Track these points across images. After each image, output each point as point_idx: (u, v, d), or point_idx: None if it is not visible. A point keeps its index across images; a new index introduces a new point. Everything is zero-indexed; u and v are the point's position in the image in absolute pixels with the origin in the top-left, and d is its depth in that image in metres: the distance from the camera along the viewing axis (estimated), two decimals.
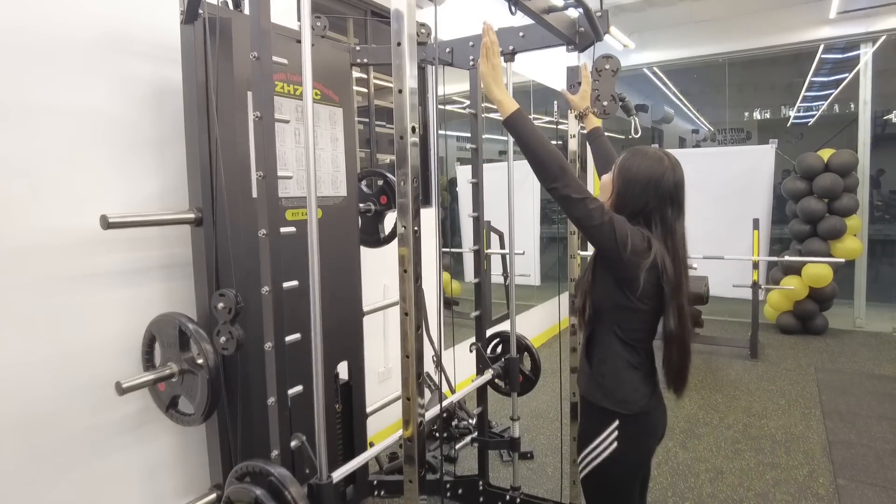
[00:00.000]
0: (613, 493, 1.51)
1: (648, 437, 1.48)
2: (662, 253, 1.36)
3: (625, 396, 1.43)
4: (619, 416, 1.43)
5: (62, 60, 1.72)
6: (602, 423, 1.45)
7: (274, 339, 1.52)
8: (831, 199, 5.04)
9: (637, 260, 1.34)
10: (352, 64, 2.35)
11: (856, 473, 2.73)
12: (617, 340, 1.44)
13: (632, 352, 1.44)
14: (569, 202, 1.33)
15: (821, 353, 4.68)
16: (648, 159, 1.41)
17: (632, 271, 1.35)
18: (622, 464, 1.45)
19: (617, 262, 1.36)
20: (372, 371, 2.89)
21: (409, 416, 1.24)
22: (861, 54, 5.30)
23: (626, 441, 1.43)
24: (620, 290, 1.40)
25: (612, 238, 1.32)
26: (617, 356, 1.44)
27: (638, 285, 1.35)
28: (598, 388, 1.46)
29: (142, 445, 1.96)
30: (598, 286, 1.46)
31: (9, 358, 1.62)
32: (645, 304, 1.39)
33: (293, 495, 1.34)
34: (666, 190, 1.38)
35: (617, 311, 1.42)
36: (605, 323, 1.46)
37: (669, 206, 1.39)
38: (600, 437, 1.45)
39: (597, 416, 1.47)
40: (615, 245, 1.32)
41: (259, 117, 1.45)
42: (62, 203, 1.73)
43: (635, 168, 1.41)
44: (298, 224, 1.77)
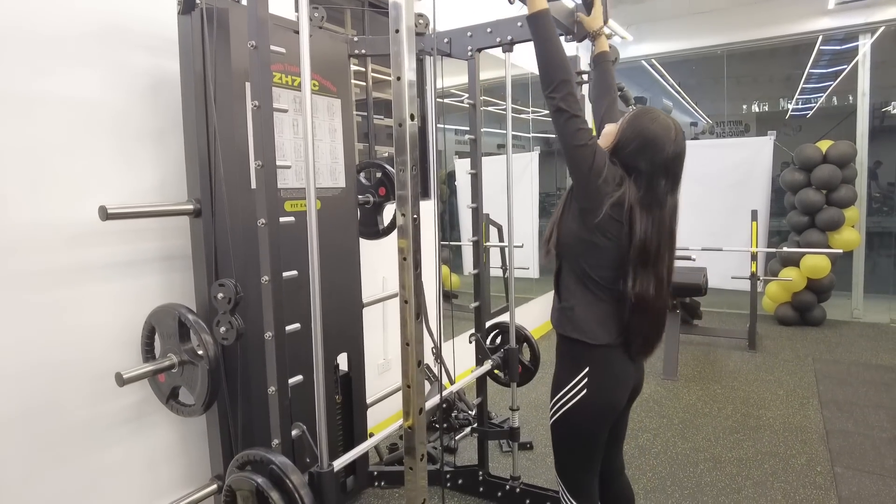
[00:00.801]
0: (580, 440, 1.54)
1: (615, 383, 1.51)
2: (634, 206, 1.38)
3: (592, 328, 1.46)
4: (587, 353, 1.46)
5: (59, 51, 1.71)
6: (573, 368, 1.49)
7: (274, 329, 1.52)
8: (830, 191, 5.04)
9: (604, 189, 1.36)
10: (350, 55, 2.34)
11: (853, 462, 2.74)
12: (583, 275, 1.47)
13: (598, 287, 1.46)
14: (562, 115, 1.36)
15: (819, 343, 4.69)
16: (657, 123, 1.41)
17: (596, 200, 1.37)
18: (589, 410, 1.48)
19: (585, 188, 1.38)
20: (371, 363, 2.89)
21: (410, 404, 1.24)
22: (860, 45, 5.29)
23: (593, 386, 1.46)
24: (583, 221, 1.42)
25: (590, 162, 1.35)
26: (584, 290, 1.47)
27: (597, 216, 1.37)
28: (567, 321, 1.49)
29: (142, 436, 1.97)
30: (566, 219, 1.49)
31: (9, 349, 1.62)
32: (606, 239, 1.40)
33: (294, 483, 1.35)
34: (662, 159, 1.39)
35: (580, 244, 1.45)
36: (570, 257, 1.49)
37: (662, 177, 1.40)
38: (570, 383, 1.49)
39: (567, 358, 1.51)
40: (589, 169, 1.35)
41: (257, 106, 1.44)
42: (60, 194, 1.72)
43: (641, 127, 1.41)
44: (297, 215, 1.77)
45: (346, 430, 2.43)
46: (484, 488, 2.50)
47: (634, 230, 1.38)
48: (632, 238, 1.38)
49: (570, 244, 1.47)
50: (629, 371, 1.53)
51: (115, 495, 1.90)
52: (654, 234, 1.39)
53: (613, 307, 1.47)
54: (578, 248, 1.46)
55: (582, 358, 1.48)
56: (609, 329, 1.46)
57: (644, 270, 1.41)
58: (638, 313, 1.44)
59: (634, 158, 1.41)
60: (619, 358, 1.49)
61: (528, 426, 3.21)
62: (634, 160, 1.41)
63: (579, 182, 1.39)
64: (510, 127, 2.37)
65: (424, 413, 1.27)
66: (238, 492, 1.42)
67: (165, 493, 2.01)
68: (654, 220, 1.40)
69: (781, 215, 5.60)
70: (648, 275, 1.42)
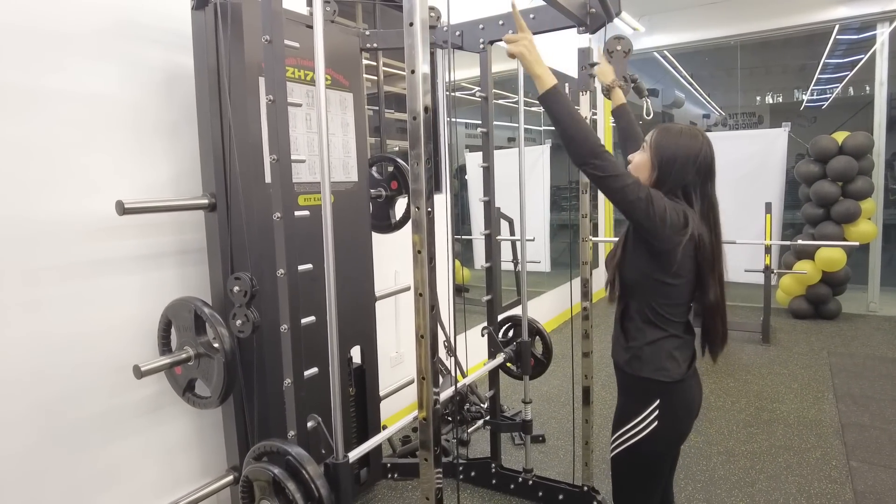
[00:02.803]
0: (647, 473, 1.51)
1: (687, 413, 1.49)
2: (700, 227, 1.38)
3: (663, 364, 1.43)
4: (660, 389, 1.43)
5: (75, 47, 1.73)
6: (643, 401, 1.45)
7: (290, 322, 1.53)
8: (845, 182, 4.98)
9: (675, 235, 1.34)
10: (361, 49, 2.34)
11: (869, 456, 2.72)
12: (653, 314, 1.44)
13: (668, 324, 1.44)
14: (604, 181, 1.34)
15: (833, 337, 4.65)
16: (684, 137, 1.41)
17: (669, 245, 1.35)
18: (660, 442, 1.45)
19: (655, 237, 1.36)
20: (384, 356, 2.91)
21: (424, 397, 1.25)
22: (877, 34, 5.20)
23: (665, 418, 1.43)
24: (656, 264, 1.40)
25: (651, 213, 1.32)
26: (654, 329, 1.44)
27: (675, 259, 1.36)
28: (636, 360, 1.45)
29: (159, 428, 2.00)
30: (631, 260, 1.46)
31: (27, 341, 1.65)
32: (681, 278, 1.40)
33: (311, 474, 1.36)
34: (703, 165, 1.40)
35: (652, 285, 1.42)
36: (638, 297, 1.46)
37: (708, 181, 1.42)
38: (640, 416, 1.44)
39: (637, 393, 1.47)
40: (654, 220, 1.32)
41: (272, 101, 1.45)
42: (77, 189, 1.75)
43: (673, 145, 1.41)
44: (311, 210, 1.78)
45: (359, 422, 2.45)
46: (497, 480, 2.51)
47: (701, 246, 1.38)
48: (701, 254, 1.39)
49: (641, 285, 1.45)
50: (697, 395, 1.51)
51: (133, 486, 1.93)
52: (708, 238, 1.40)
53: (682, 339, 1.46)
54: (650, 289, 1.43)
55: (654, 393, 1.44)
56: (679, 362, 1.44)
57: (711, 276, 1.42)
58: (710, 317, 1.45)
59: (681, 176, 1.40)
60: (690, 386, 1.48)
61: (540, 419, 3.22)
62: (682, 177, 1.40)
63: (647, 232, 1.37)
64: (522, 120, 2.36)
65: (440, 405, 1.27)
66: (255, 482, 1.44)
67: (182, 484, 2.04)
68: (709, 226, 1.41)
69: (795, 208, 5.53)
70: (715, 279, 1.42)
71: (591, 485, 2.28)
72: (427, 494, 1.26)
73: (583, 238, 2.21)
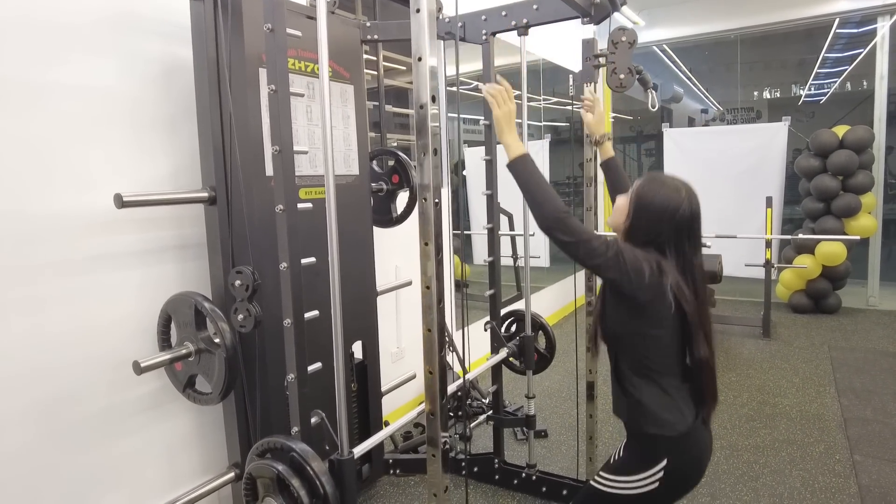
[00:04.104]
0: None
1: (695, 471, 1.42)
2: (676, 277, 1.33)
3: (665, 417, 1.37)
4: (667, 445, 1.37)
5: (72, 39, 1.70)
6: (649, 459, 1.38)
7: (293, 316, 1.51)
8: (846, 177, 4.97)
9: (651, 289, 1.30)
10: (362, 41, 2.31)
11: (872, 450, 2.71)
12: (644, 368, 1.39)
13: (662, 376, 1.39)
14: (570, 246, 1.31)
15: (834, 331, 4.65)
16: (665, 188, 1.36)
17: (648, 295, 1.31)
18: (657, 500, 1.39)
19: (632, 291, 1.32)
20: (385, 351, 2.88)
21: (431, 390, 1.23)
22: (878, 28, 5.18)
23: (671, 479, 1.37)
24: (637, 316, 1.36)
25: (623, 271, 1.29)
26: (649, 383, 1.39)
27: (654, 311, 1.33)
28: (640, 417, 1.39)
29: (159, 425, 1.97)
30: (612, 315, 1.42)
31: (26, 338, 1.62)
32: (663, 328, 1.36)
33: (315, 470, 1.34)
34: (681, 222, 1.35)
35: (636, 338, 1.38)
36: (627, 352, 1.42)
37: (686, 239, 1.36)
38: (645, 473, 1.38)
39: (643, 450, 1.41)
40: (628, 275, 1.29)
41: (274, 90, 1.42)
42: (74, 183, 1.72)
43: (651, 196, 1.37)
44: (312, 203, 1.75)
45: (361, 418, 2.43)
46: (500, 476, 2.49)
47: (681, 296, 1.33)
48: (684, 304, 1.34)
49: (626, 338, 1.41)
50: (707, 448, 1.43)
51: (134, 483, 1.91)
52: (690, 294, 1.34)
53: (682, 390, 1.40)
54: (636, 342, 1.39)
55: (661, 451, 1.37)
56: (684, 413, 1.38)
57: (698, 333, 1.36)
58: (699, 375, 1.39)
59: (654, 229, 1.36)
60: (700, 439, 1.40)
61: (543, 414, 3.20)
62: (655, 230, 1.36)
63: (625, 288, 1.33)
64: (525, 114, 2.34)
65: (446, 399, 1.25)
66: (258, 479, 1.42)
67: (183, 481, 2.02)
68: (688, 283, 1.35)
69: (794, 203, 5.52)
70: (701, 336, 1.37)
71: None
72: (435, 490, 1.24)
73: (587, 207, 2.19)
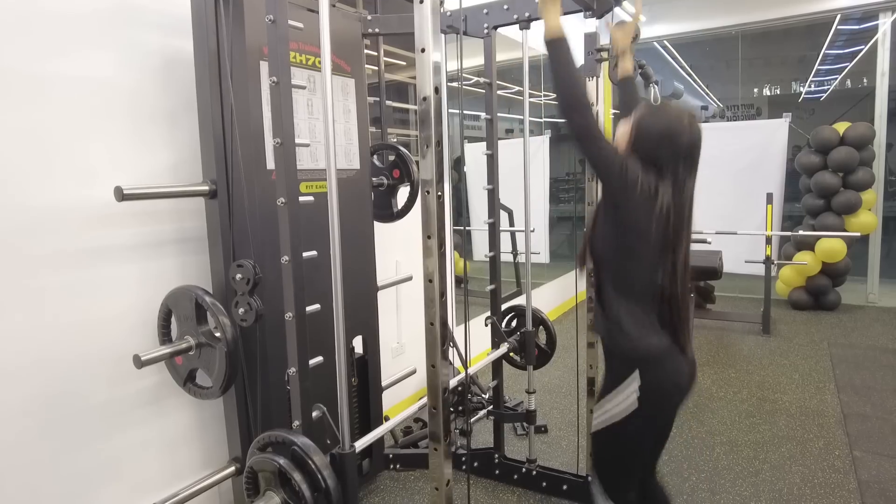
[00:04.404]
0: (625, 451, 1.49)
1: (673, 391, 1.44)
2: (668, 202, 1.36)
3: (642, 334, 1.41)
4: (642, 362, 1.41)
5: (71, 31, 1.68)
6: (625, 377, 1.41)
7: (294, 309, 1.50)
8: (846, 173, 4.96)
9: (644, 203, 1.34)
10: (363, 34, 2.30)
11: (872, 445, 2.72)
12: (626, 284, 1.43)
13: (642, 294, 1.42)
14: (584, 138, 1.34)
15: (834, 328, 4.65)
16: (666, 115, 1.41)
17: (638, 212, 1.35)
18: (640, 421, 1.42)
19: (624, 204, 1.36)
20: (385, 346, 2.88)
21: (434, 384, 1.23)
22: (879, 24, 5.17)
23: (648, 396, 1.39)
24: (625, 231, 1.40)
25: (623, 177, 1.33)
26: (629, 299, 1.43)
27: (643, 228, 1.36)
28: (617, 332, 1.44)
29: (159, 419, 1.97)
30: (603, 230, 1.47)
31: (27, 331, 1.62)
32: (649, 248, 1.39)
33: (317, 464, 1.34)
34: (681, 147, 1.38)
35: (622, 253, 1.42)
36: (612, 267, 1.46)
37: (682, 164, 1.39)
38: (622, 393, 1.42)
39: (619, 368, 1.45)
40: (625, 184, 1.33)
41: (275, 82, 1.41)
42: (74, 176, 1.71)
43: (652, 122, 1.40)
44: (312, 197, 1.74)
45: (361, 412, 2.43)
46: (500, 471, 2.49)
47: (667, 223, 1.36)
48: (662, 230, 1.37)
49: (609, 253, 1.45)
50: (684, 371, 1.46)
51: (134, 477, 1.90)
52: (675, 221, 1.38)
53: (659, 314, 1.43)
54: (617, 257, 1.43)
55: (635, 367, 1.41)
56: (659, 332, 1.42)
57: (667, 259, 1.40)
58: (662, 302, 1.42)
59: (654, 153, 1.39)
60: (675, 360, 1.43)
61: (543, 409, 3.20)
62: (654, 155, 1.39)
63: (616, 196, 1.37)
64: (527, 109, 2.33)
65: (448, 393, 1.25)
66: (260, 473, 1.42)
67: (183, 476, 2.02)
68: (675, 208, 1.38)
69: (794, 199, 5.52)
70: (670, 264, 1.40)
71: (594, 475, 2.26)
72: (437, 485, 1.24)
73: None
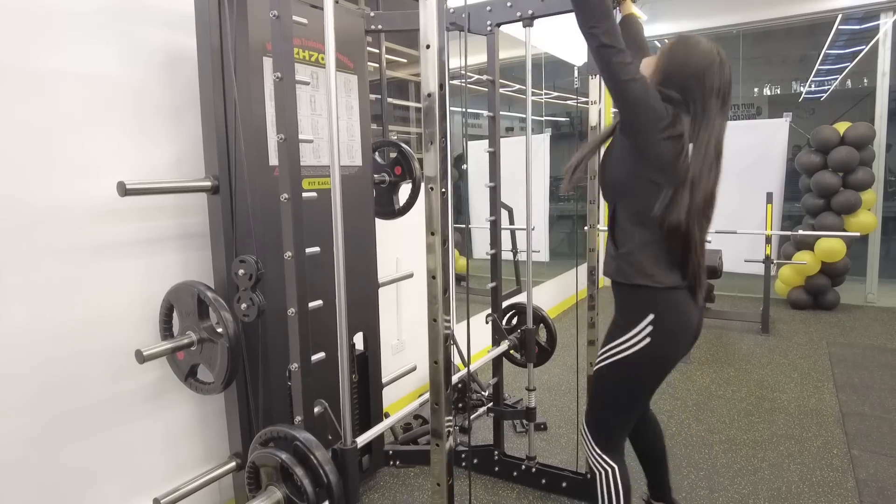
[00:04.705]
0: (627, 392, 1.47)
1: (683, 331, 1.41)
2: (689, 131, 1.31)
3: (655, 270, 1.37)
4: (653, 298, 1.37)
5: (75, 27, 1.68)
6: (636, 315, 1.39)
7: (297, 305, 1.50)
8: (846, 173, 4.97)
9: (659, 124, 1.29)
10: (366, 31, 2.30)
11: (870, 444, 2.73)
12: (640, 216, 1.38)
13: (657, 229, 1.37)
14: (606, 49, 1.27)
15: (832, 327, 4.66)
16: (698, 50, 1.35)
17: (652, 135, 1.30)
18: (648, 361, 1.40)
19: (638, 124, 1.31)
20: (385, 343, 2.89)
21: (437, 380, 1.23)
22: (881, 24, 5.17)
23: (658, 337, 1.37)
24: (642, 160, 1.35)
25: (641, 96, 1.28)
26: (643, 231, 1.39)
27: (654, 150, 1.31)
28: (628, 267, 1.40)
29: (160, 414, 1.97)
30: (618, 161, 1.41)
31: (28, 325, 1.62)
32: (663, 174, 1.33)
33: (319, 459, 1.34)
34: (710, 81, 1.33)
35: (639, 183, 1.37)
36: (627, 199, 1.41)
37: (713, 99, 1.34)
38: (632, 331, 1.39)
39: (630, 305, 1.42)
40: (641, 103, 1.28)
41: (279, 78, 1.41)
42: (77, 171, 1.71)
43: (683, 56, 1.35)
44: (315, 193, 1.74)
45: (361, 409, 2.43)
46: (500, 468, 2.50)
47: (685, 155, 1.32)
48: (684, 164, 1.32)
49: (624, 182, 1.40)
50: (695, 315, 1.43)
51: (135, 472, 1.91)
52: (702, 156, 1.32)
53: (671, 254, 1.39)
54: (634, 187, 1.38)
55: (647, 304, 1.38)
56: (671, 272, 1.37)
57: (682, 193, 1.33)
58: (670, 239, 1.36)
59: (683, 89, 1.34)
60: (686, 300, 1.40)
61: (543, 407, 3.21)
62: (683, 91, 1.34)
63: (632, 118, 1.32)
64: (530, 107, 2.33)
65: (451, 389, 1.25)
66: (262, 468, 1.42)
67: (184, 471, 2.02)
68: (703, 141, 1.33)
69: (795, 199, 5.52)
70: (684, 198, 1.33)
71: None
72: (439, 480, 1.24)
73: (591, 225, 2.18)
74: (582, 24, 1.30)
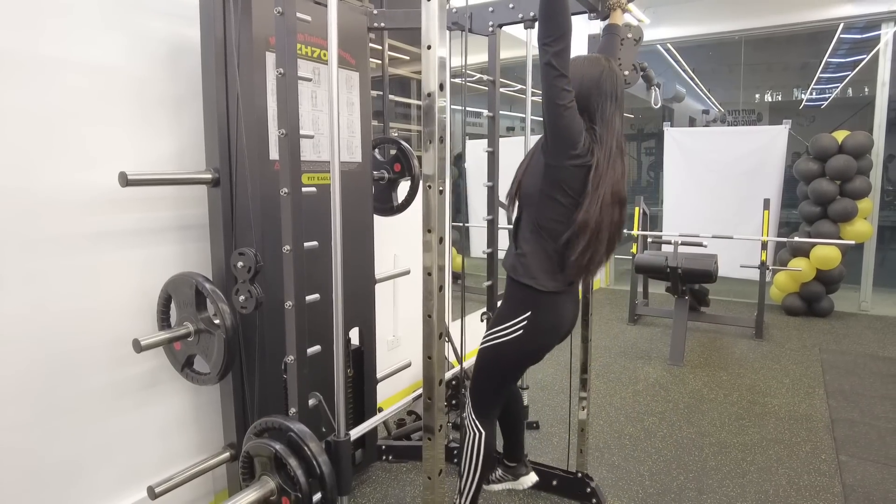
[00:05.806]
0: (499, 372, 1.74)
1: (551, 332, 1.65)
2: (599, 157, 1.50)
3: (540, 276, 1.58)
4: (532, 299, 1.59)
5: (78, 16, 1.69)
6: (516, 310, 1.62)
7: (294, 299, 1.52)
8: (844, 181, 4.99)
9: (574, 151, 1.47)
10: (369, 28, 2.31)
11: (858, 451, 2.75)
12: (539, 227, 1.58)
13: (551, 239, 1.58)
14: (550, 69, 1.42)
15: (826, 334, 4.69)
16: (589, 63, 1.57)
17: (564, 159, 1.48)
18: (518, 351, 1.64)
19: (558, 146, 1.48)
20: (381, 339, 2.90)
21: (430, 376, 1.25)
22: (882, 34, 5.20)
23: (529, 331, 1.60)
24: (548, 177, 1.53)
25: (568, 124, 1.45)
26: (538, 240, 1.59)
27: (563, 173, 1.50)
28: (520, 267, 1.62)
29: (156, 404, 1.99)
30: (532, 173, 1.60)
31: (27, 313, 1.63)
32: (568, 196, 1.53)
33: (312, 450, 1.36)
34: (606, 87, 1.54)
35: (543, 199, 1.56)
36: (532, 209, 1.60)
37: (608, 101, 1.54)
38: (511, 322, 1.62)
39: (513, 300, 1.64)
40: (567, 129, 1.45)
41: (282, 74, 1.43)
42: (78, 161, 1.72)
43: (579, 71, 1.55)
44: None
45: (356, 403, 2.45)
46: None
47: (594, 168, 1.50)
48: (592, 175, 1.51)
49: (533, 196, 1.59)
50: (567, 317, 1.66)
51: (129, 460, 1.93)
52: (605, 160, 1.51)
53: (561, 260, 1.59)
54: (539, 201, 1.57)
55: (527, 302, 1.60)
56: (556, 278, 1.59)
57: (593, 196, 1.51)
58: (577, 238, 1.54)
59: (586, 98, 1.54)
60: (562, 303, 1.63)
61: (535, 406, 3.23)
62: (587, 100, 1.54)
63: (553, 140, 1.49)
64: (529, 107, 2.35)
65: (444, 384, 1.27)
66: (256, 458, 1.44)
67: (178, 460, 2.04)
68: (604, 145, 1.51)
69: (791, 206, 5.55)
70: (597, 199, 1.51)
71: (585, 471, 2.30)
72: (430, 474, 1.26)
73: None
74: (540, 36, 1.44)
